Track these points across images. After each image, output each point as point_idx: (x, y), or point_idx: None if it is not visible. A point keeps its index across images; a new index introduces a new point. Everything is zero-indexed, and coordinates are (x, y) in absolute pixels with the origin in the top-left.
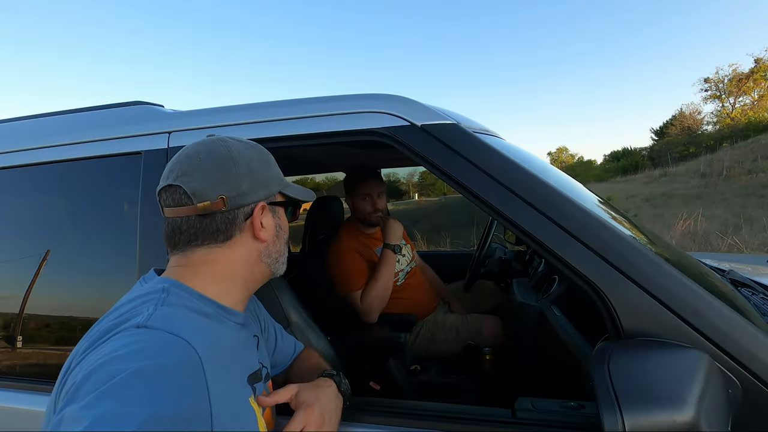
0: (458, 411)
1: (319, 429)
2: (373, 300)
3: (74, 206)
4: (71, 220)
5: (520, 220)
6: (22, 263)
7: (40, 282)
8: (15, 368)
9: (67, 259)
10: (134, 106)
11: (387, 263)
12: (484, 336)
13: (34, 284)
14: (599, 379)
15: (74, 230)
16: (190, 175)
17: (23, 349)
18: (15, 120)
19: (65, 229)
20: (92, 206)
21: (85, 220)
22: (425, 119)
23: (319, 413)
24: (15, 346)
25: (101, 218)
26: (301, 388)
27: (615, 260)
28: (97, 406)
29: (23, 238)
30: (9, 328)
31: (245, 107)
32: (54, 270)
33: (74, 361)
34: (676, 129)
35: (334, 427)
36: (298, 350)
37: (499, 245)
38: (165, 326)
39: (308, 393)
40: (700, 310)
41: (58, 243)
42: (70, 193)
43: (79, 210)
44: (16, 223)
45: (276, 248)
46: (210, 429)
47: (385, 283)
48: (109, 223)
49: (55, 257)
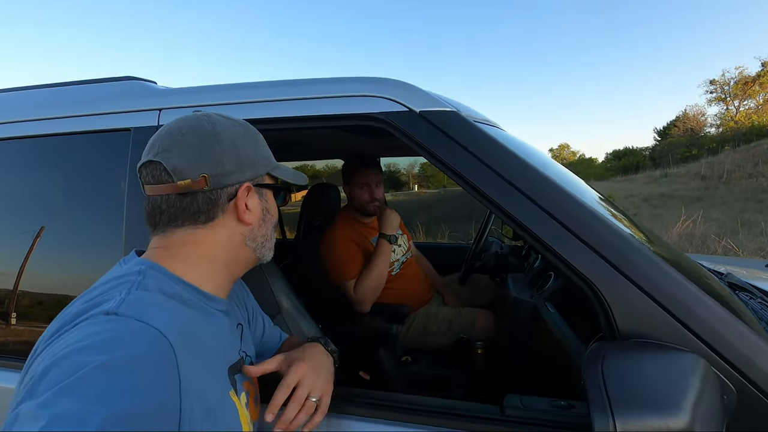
0: (446, 406)
1: (315, 382)
2: (367, 290)
3: (60, 182)
4: (56, 195)
5: (517, 212)
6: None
7: (19, 257)
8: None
9: (50, 235)
10: (125, 81)
11: (382, 253)
12: (476, 330)
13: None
14: (591, 379)
15: (59, 206)
16: (171, 151)
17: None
18: (3, 91)
19: (50, 204)
20: (78, 182)
21: (71, 197)
22: (424, 105)
23: (311, 366)
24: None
25: (87, 195)
26: (287, 354)
27: (613, 258)
28: (56, 404)
29: (6, 212)
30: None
31: (238, 86)
32: (36, 246)
33: (40, 346)
34: (679, 130)
35: (328, 383)
36: (282, 339)
37: (495, 239)
38: (136, 314)
39: (296, 353)
40: (698, 313)
41: (41, 218)
42: (56, 168)
43: (65, 186)
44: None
45: (262, 232)
46: (178, 427)
47: (379, 273)
48: (94, 200)
49: (37, 232)
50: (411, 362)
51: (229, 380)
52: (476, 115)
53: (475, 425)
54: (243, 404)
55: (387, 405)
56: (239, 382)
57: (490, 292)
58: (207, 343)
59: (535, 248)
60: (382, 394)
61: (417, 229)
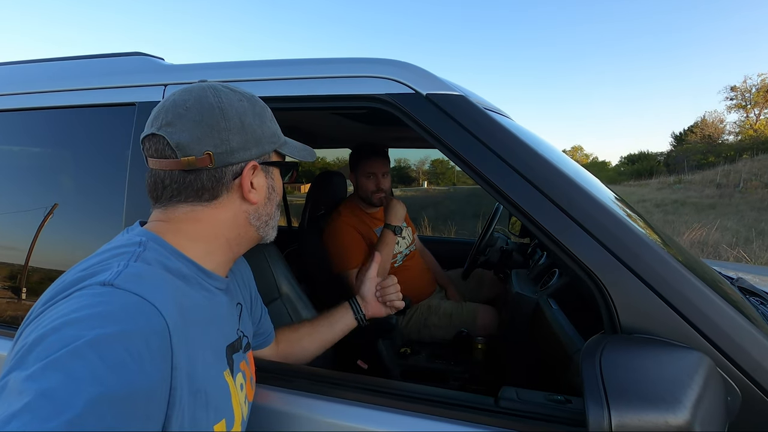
0: (440, 395)
1: None
2: None
3: (64, 154)
4: (60, 167)
5: (521, 200)
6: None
7: (23, 228)
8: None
9: (52, 206)
10: (133, 56)
11: (386, 244)
12: (477, 325)
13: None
14: (588, 371)
15: (62, 178)
16: (175, 126)
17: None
18: (10, 63)
19: (53, 176)
20: (81, 155)
21: (74, 169)
22: (431, 88)
23: None
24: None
25: (90, 167)
26: None
27: (618, 250)
28: (43, 378)
29: (10, 183)
30: None
31: (244, 64)
32: (37, 217)
33: (33, 313)
34: (696, 136)
35: None
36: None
37: (501, 235)
38: (133, 287)
39: None
40: (705, 312)
41: (44, 190)
42: (61, 140)
43: (69, 158)
44: (7, 169)
45: (266, 211)
46: (166, 407)
47: (382, 264)
48: (97, 172)
49: (40, 204)
50: (410, 353)
51: (226, 360)
52: (485, 103)
53: (467, 415)
54: (238, 385)
55: (380, 391)
56: (236, 362)
57: (492, 287)
58: (203, 322)
59: (540, 244)
60: (376, 380)
61: (423, 225)
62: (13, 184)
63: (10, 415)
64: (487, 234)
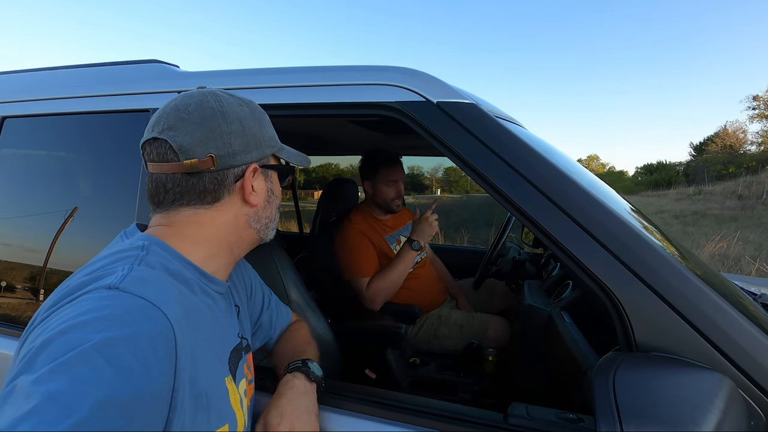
0: (446, 409)
1: None
2: (380, 290)
3: (84, 158)
4: (77, 171)
5: (532, 210)
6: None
7: (37, 229)
8: None
9: (66, 210)
10: (149, 64)
11: (404, 259)
12: (488, 337)
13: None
14: (601, 389)
15: (78, 182)
16: (177, 129)
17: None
18: (29, 71)
19: (69, 180)
20: (96, 160)
21: (89, 173)
22: (442, 96)
23: (281, 422)
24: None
25: (104, 172)
26: (264, 413)
27: (633, 263)
28: (50, 381)
29: (29, 186)
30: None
31: (257, 71)
32: (52, 220)
33: (39, 317)
34: (716, 146)
35: (310, 424)
36: (284, 324)
37: (514, 245)
38: (138, 290)
39: (273, 414)
40: (726, 330)
41: (62, 193)
42: (78, 145)
43: (85, 163)
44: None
45: (266, 213)
46: (167, 410)
47: (397, 276)
48: (111, 177)
49: (52, 206)
50: (419, 364)
51: (229, 364)
52: (497, 111)
53: (477, 431)
54: (242, 391)
55: (386, 404)
56: (239, 366)
57: (504, 298)
58: (206, 326)
59: (554, 255)
60: (383, 392)
61: (436, 233)
62: (31, 187)
63: (18, 419)
64: (499, 243)
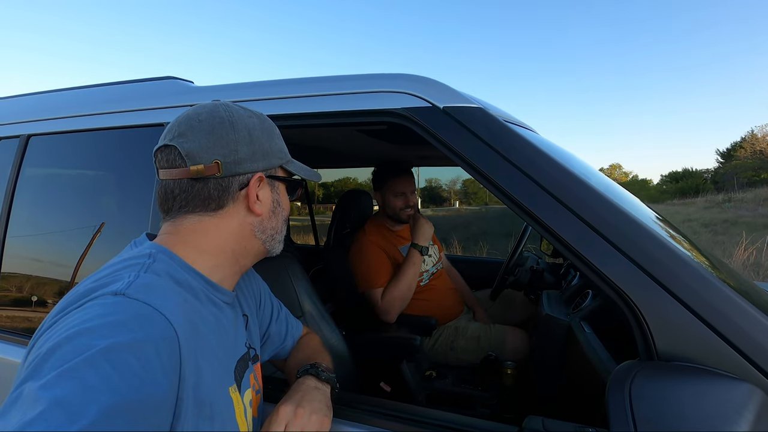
0: (461, 423)
1: (306, 427)
2: (394, 300)
3: (99, 174)
4: (96, 186)
5: (545, 216)
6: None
7: (51, 243)
8: None
9: (80, 223)
10: (165, 80)
11: (412, 263)
12: (506, 349)
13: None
14: (616, 401)
15: (96, 196)
16: (186, 136)
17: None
18: (53, 92)
19: (88, 194)
20: (114, 175)
21: (106, 188)
22: (448, 101)
23: (298, 407)
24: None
25: (119, 186)
26: (276, 407)
27: (653, 268)
28: (57, 386)
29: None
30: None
31: (267, 83)
32: (66, 234)
33: (46, 323)
34: (745, 152)
35: (325, 416)
36: (294, 336)
37: (532, 254)
38: (144, 296)
39: (286, 403)
40: (755, 338)
41: (75, 206)
42: (99, 160)
43: (103, 178)
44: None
45: (272, 224)
46: (171, 418)
47: (408, 283)
48: (125, 191)
49: (67, 220)
50: (435, 377)
51: (234, 374)
52: (505, 115)
53: None
54: (247, 401)
55: (401, 417)
56: (245, 376)
57: (522, 309)
58: (211, 335)
59: (573, 265)
60: (398, 404)
61: (454, 245)
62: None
63: (24, 424)
64: (516, 253)
